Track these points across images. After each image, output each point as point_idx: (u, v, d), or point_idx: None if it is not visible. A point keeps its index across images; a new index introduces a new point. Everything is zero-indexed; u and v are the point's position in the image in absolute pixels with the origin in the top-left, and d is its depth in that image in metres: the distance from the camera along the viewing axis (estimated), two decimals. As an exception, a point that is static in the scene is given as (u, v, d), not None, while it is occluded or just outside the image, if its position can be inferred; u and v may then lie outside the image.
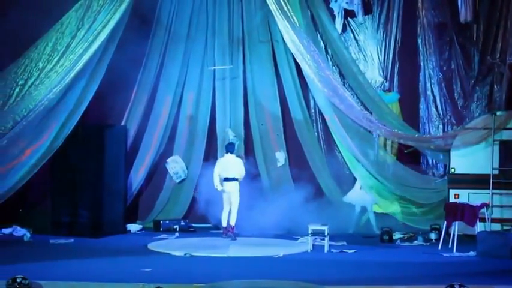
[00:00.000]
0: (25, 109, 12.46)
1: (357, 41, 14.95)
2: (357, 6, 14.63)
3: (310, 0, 14.40)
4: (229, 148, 13.28)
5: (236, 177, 13.02)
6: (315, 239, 11.89)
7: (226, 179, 12.98)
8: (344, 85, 14.29)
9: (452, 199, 13.02)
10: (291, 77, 14.75)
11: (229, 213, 13.04)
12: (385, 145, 14.53)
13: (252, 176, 14.11)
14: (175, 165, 14.77)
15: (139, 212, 14.67)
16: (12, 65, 12.84)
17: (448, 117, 14.53)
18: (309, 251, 11.71)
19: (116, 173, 13.59)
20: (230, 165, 13.05)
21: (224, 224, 13.10)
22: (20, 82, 12.71)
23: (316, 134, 14.96)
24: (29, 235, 12.92)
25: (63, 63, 12.73)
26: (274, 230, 13.29)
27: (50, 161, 13.07)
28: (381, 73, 14.87)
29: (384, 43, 14.83)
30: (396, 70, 14.87)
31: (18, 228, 13.26)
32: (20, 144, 12.54)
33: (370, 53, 14.91)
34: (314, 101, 14.78)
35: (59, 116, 12.93)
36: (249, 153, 14.69)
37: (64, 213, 13.34)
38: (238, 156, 13.57)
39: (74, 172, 13.24)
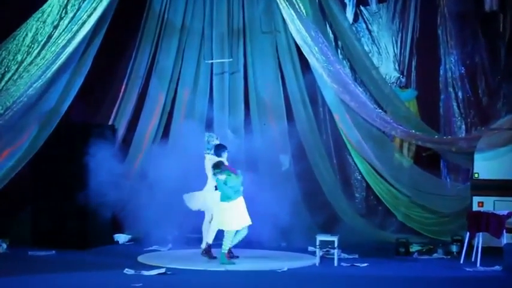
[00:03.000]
0: (2, 107, 12.06)
1: (370, 32, 14.71)
2: (370, -6, 14.66)
3: (319, -13, 14.36)
4: (220, 151, 11.88)
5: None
6: (327, 251, 11.50)
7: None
8: (356, 81, 14.07)
9: (475, 207, 12.57)
10: (293, 72, 14.44)
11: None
12: (401, 147, 14.26)
13: (254, 181, 13.12)
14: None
15: (129, 221, 14.01)
16: (-13, 58, 12.73)
17: (472, 116, 14.12)
18: (317, 264, 11.22)
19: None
20: None
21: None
22: (-4, 77, 12.53)
23: (324, 135, 14.72)
24: (5, 246, 12.54)
25: (45, 56, 12.44)
26: (277, 241, 13.00)
27: (29, 163, 12.62)
28: (397, 68, 14.59)
29: (400, 34, 14.59)
30: (414, 64, 14.56)
31: (-6, 239, 13.04)
32: (-4, 146, 12.33)
33: (384, 45, 14.65)
34: (322, 98, 14.44)
35: (40, 114, 12.62)
36: (250, 156, 14.14)
37: (46, 223, 12.97)
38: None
39: (56, 176, 12.84)
